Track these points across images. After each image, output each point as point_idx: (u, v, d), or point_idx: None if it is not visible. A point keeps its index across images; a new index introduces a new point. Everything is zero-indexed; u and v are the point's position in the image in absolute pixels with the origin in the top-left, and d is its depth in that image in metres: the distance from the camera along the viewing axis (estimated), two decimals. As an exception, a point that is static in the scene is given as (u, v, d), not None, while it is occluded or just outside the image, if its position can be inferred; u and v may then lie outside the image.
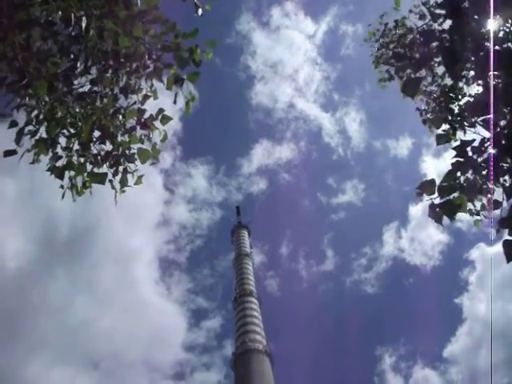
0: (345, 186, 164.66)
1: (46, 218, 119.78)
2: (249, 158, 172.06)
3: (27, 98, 4.50)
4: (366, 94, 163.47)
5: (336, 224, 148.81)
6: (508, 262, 3.61)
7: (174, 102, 5.02)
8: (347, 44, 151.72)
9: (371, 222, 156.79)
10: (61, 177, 4.68)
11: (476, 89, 7.10)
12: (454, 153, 4.28)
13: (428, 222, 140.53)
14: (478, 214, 5.49)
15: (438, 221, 4.20)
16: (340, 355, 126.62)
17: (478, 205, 5.21)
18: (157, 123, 5.10)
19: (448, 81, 7.80)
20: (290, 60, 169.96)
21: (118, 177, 5.09)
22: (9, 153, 4.39)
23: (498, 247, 3.71)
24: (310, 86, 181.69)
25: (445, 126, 5.82)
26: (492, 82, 4.09)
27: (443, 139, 5.03)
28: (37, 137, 4.57)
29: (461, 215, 4.45)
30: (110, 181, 5.04)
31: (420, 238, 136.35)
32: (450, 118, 5.76)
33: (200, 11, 5.01)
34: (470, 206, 5.08)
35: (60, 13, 4.49)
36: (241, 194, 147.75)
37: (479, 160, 4.09)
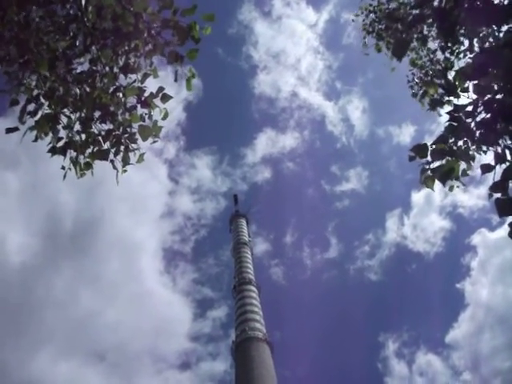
0: (348, 174, 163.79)
1: (50, 212, 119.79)
2: (253, 147, 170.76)
3: (27, 77, 4.49)
4: (368, 82, 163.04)
5: (340, 212, 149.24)
6: (500, 216, 3.65)
7: (175, 80, 5.03)
8: (349, 32, 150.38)
9: (374, 209, 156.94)
10: (63, 153, 4.67)
11: (464, 60, 7.08)
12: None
13: (430, 209, 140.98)
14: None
15: (430, 186, 4.21)
16: (343, 342, 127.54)
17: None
18: (157, 102, 5.09)
19: (439, 54, 7.82)
20: (292, 49, 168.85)
21: (119, 156, 5.09)
22: (11, 130, 4.37)
23: (499, 233, 3.74)
24: (312, 74, 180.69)
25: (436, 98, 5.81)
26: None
27: (437, 104, 5.05)
28: (38, 115, 4.55)
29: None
30: (112, 161, 5.04)
31: (422, 224, 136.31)
32: (443, 82, 5.76)
33: None
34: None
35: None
36: (245, 183, 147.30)
37: (472, 124, 4.05)
